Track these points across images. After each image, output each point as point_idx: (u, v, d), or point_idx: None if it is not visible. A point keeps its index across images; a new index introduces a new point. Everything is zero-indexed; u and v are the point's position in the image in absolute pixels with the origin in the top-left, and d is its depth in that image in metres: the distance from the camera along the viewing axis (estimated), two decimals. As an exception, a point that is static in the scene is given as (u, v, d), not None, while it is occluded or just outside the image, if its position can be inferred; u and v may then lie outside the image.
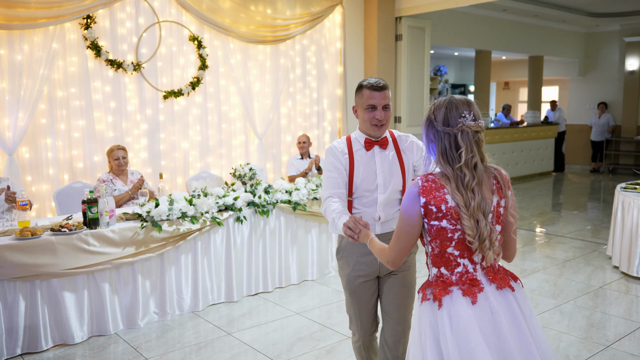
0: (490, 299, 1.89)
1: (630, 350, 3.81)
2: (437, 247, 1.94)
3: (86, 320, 4.08)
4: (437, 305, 1.90)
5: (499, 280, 1.94)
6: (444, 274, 1.95)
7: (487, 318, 1.86)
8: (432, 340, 1.89)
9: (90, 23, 5.52)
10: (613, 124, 13.16)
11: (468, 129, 1.90)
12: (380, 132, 2.64)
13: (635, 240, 5.23)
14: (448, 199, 1.87)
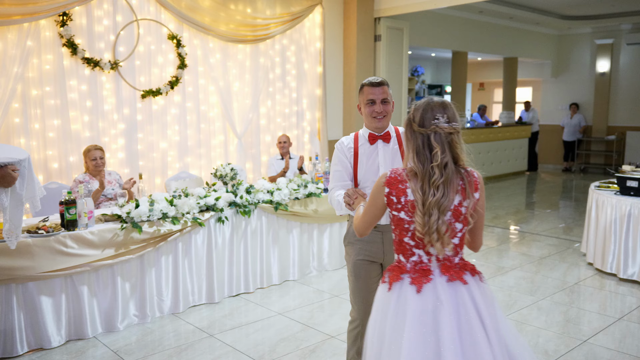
0: (438, 290, 1.97)
1: (606, 345, 3.90)
2: (397, 236, 2.09)
3: (64, 323, 4.00)
4: (387, 288, 2.06)
5: (452, 273, 2.02)
6: (401, 260, 2.09)
7: (429, 308, 1.94)
8: (379, 318, 2.04)
9: (66, 20, 5.43)
10: (584, 124, 13.43)
11: (441, 131, 2.02)
12: (381, 123, 2.81)
13: (609, 237, 5.35)
14: (408, 192, 2.01)
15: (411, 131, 2.07)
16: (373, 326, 2.07)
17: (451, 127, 2.03)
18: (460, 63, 12.18)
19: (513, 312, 4.53)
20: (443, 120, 2.02)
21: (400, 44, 8.83)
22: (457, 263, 2.07)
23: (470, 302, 1.97)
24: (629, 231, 5.17)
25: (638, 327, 4.23)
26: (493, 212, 8.67)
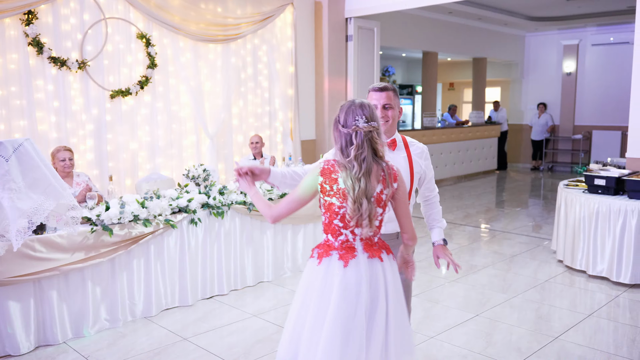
0: (360, 265, 2.30)
1: (576, 341, 3.97)
2: (327, 218, 2.34)
3: (32, 329, 3.89)
4: (317, 262, 2.34)
5: (372, 251, 2.35)
6: (330, 239, 2.36)
7: (353, 280, 2.27)
8: (307, 288, 2.35)
9: (31, 19, 5.29)
10: (552, 123, 13.69)
11: (361, 130, 2.28)
12: (384, 128, 2.75)
13: (578, 235, 5.45)
14: (340, 181, 2.29)
15: (337, 130, 2.34)
16: (303, 295, 2.35)
17: (370, 126, 2.30)
18: (431, 63, 12.30)
19: (486, 310, 4.58)
20: (362, 120, 2.30)
21: (371, 44, 8.87)
22: (377, 242, 2.39)
23: (382, 277, 2.33)
24: (597, 229, 5.28)
25: (607, 323, 4.32)
26: (464, 210, 8.77)
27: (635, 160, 5.90)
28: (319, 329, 2.24)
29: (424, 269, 5.73)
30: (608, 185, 5.32)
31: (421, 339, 4.02)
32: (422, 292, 5.04)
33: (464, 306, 4.67)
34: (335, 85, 8.37)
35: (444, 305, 4.71)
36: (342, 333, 2.22)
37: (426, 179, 2.92)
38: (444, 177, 11.60)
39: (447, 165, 11.67)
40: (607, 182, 5.32)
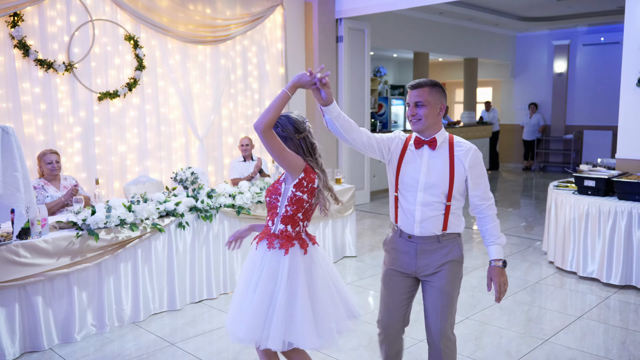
0: (312, 251, 2.64)
1: (566, 344, 3.96)
2: (292, 211, 2.60)
3: (18, 335, 3.84)
4: (283, 253, 2.57)
5: (313, 239, 2.72)
6: (288, 230, 2.61)
7: (310, 265, 2.61)
8: (269, 276, 2.56)
9: (17, 21, 5.24)
10: (543, 123, 13.72)
11: (310, 130, 2.66)
12: (416, 127, 2.66)
13: (569, 236, 5.45)
14: (316, 181, 2.62)
15: (292, 142, 2.61)
16: (274, 283, 2.57)
17: (309, 126, 2.68)
18: (422, 64, 12.30)
19: (476, 312, 4.57)
20: (308, 123, 2.67)
21: (362, 45, 8.85)
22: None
23: (323, 259, 2.71)
24: (587, 230, 5.27)
25: (597, 325, 4.31)
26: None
27: (624, 160, 5.91)
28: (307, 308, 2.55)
29: (414, 271, 5.71)
30: (598, 187, 5.32)
31: (410, 343, 3.99)
32: (413, 294, 5.02)
33: (454, 309, 4.65)
34: (326, 87, 8.33)
35: (434, 308, 4.69)
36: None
37: (473, 185, 2.66)
38: (436, 178, 11.57)
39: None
40: (597, 183, 5.32)
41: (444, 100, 2.69)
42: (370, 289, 5.19)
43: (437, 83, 2.68)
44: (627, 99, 5.87)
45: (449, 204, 2.66)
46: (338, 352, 3.87)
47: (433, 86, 2.65)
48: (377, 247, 6.65)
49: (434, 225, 2.67)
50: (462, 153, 2.65)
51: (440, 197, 2.65)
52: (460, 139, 2.73)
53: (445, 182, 2.64)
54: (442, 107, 2.67)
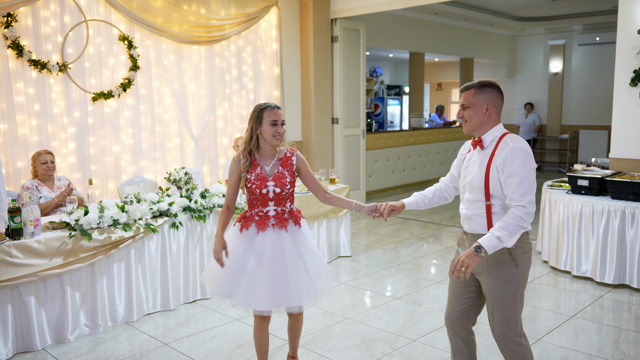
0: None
1: (560, 343, 3.97)
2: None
3: (10, 336, 3.84)
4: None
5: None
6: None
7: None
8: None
9: (10, 21, 5.23)
10: (539, 123, 13.75)
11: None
12: (465, 128, 2.78)
13: (562, 235, 5.46)
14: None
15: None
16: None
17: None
18: (418, 64, 12.31)
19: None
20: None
21: (357, 45, 8.86)
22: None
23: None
24: (581, 229, 5.28)
25: (591, 325, 4.32)
26: (451, 211, 8.77)
27: (618, 160, 5.92)
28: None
29: (408, 270, 5.72)
30: (591, 186, 5.33)
31: (403, 342, 4.00)
32: (406, 294, 5.02)
33: (448, 308, 4.66)
34: (322, 87, 8.35)
35: (428, 307, 4.70)
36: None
37: (504, 184, 2.59)
38: (431, 178, 11.60)
39: (434, 166, 11.67)
40: (590, 182, 5.33)
41: (494, 99, 2.69)
42: (365, 289, 5.19)
43: (485, 84, 2.71)
44: (621, 99, 5.88)
45: (488, 203, 2.65)
46: (331, 352, 3.87)
47: (480, 87, 2.69)
48: (373, 247, 6.65)
49: (479, 224, 2.70)
50: (500, 152, 2.62)
51: (481, 196, 2.67)
52: (511, 138, 2.65)
53: (481, 181, 2.66)
54: (489, 106, 2.68)
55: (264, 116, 3.09)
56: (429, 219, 8.21)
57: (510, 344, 2.71)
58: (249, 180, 3.11)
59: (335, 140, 8.64)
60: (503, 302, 2.68)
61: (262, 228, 3.11)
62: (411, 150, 11.05)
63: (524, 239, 2.67)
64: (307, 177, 3.26)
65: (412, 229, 7.56)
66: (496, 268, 2.67)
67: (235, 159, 3.14)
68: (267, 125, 3.08)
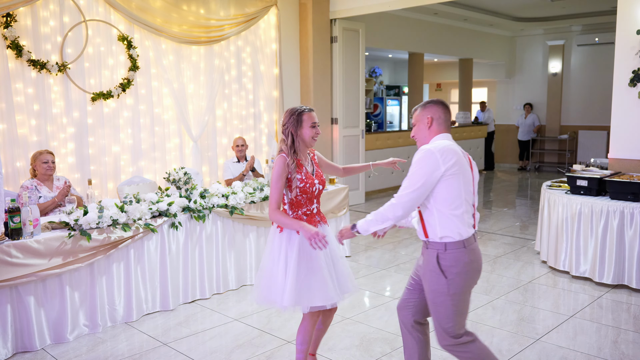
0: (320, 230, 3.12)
1: (558, 343, 3.97)
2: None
3: (10, 336, 3.84)
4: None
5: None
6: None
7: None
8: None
9: (10, 21, 5.23)
10: (538, 124, 13.75)
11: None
12: (417, 144, 2.92)
13: (561, 235, 5.46)
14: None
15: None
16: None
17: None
18: (417, 64, 12.32)
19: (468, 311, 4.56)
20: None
21: (357, 45, 8.86)
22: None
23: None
24: (579, 229, 5.29)
25: (590, 325, 4.33)
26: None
27: (617, 160, 5.93)
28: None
29: (407, 271, 5.72)
30: (590, 186, 5.34)
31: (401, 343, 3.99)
32: (406, 294, 5.02)
33: (447, 308, 4.66)
34: (321, 87, 8.35)
35: (427, 307, 4.70)
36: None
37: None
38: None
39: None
40: (589, 183, 5.34)
41: (434, 112, 2.78)
42: (365, 289, 5.19)
43: (429, 101, 2.83)
44: (620, 99, 5.89)
45: (419, 209, 2.77)
46: (330, 352, 3.87)
47: (423, 106, 2.83)
48: (372, 247, 6.65)
49: (419, 231, 2.81)
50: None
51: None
52: (428, 145, 2.72)
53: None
54: (429, 119, 2.77)
55: (304, 119, 3.14)
56: (428, 219, 8.20)
57: (449, 347, 2.79)
58: (301, 180, 3.13)
59: (335, 140, 8.65)
60: (435, 309, 2.76)
61: (315, 225, 3.19)
62: (410, 151, 11.05)
63: (456, 254, 2.66)
64: (326, 165, 3.47)
65: (411, 229, 7.54)
66: (428, 274, 2.75)
67: (283, 162, 3.09)
68: (308, 127, 3.14)
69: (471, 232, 2.72)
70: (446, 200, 2.64)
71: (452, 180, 2.62)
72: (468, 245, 2.68)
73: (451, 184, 2.62)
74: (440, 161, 2.60)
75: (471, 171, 2.76)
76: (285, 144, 3.13)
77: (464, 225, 2.67)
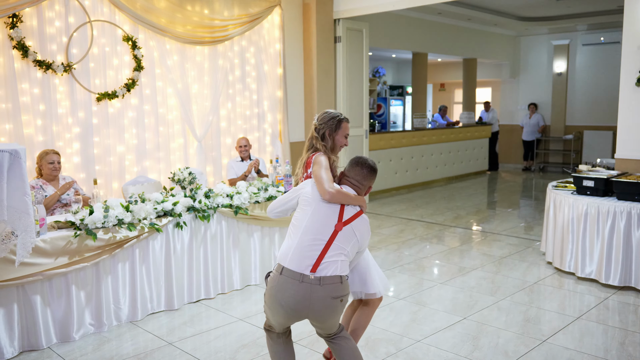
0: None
1: (565, 344, 3.96)
2: None
3: (16, 334, 3.85)
4: None
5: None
6: None
7: None
8: None
9: (16, 22, 5.24)
10: (543, 124, 13.72)
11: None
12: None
13: (567, 236, 5.44)
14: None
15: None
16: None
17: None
18: (421, 64, 12.30)
19: (474, 312, 4.56)
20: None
21: (360, 45, 8.86)
22: None
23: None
24: (586, 230, 5.27)
25: (596, 326, 4.31)
26: (454, 212, 8.76)
27: (624, 160, 5.91)
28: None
29: (412, 271, 5.71)
30: (596, 187, 5.32)
31: (408, 343, 3.99)
32: (410, 294, 5.02)
33: (452, 309, 4.65)
34: (325, 87, 8.35)
35: (432, 308, 4.69)
36: None
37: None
38: (435, 179, 11.60)
39: (437, 167, 11.66)
40: (596, 183, 5.32)
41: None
42: (369, 289, 5.18)
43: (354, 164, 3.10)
44: (627, 99, 5.87)
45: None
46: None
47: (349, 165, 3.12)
48: (376, 247, 6.64)
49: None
50: None
51: None
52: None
53: None
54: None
55: (342, 127, 3.19)
56: (432, 219, 8.20)
57: None
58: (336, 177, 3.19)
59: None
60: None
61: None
62: (414, 151, 11.05)
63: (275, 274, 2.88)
64: None
65: (416, 230, 7.56)
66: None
67: (327, 158, 3.10)
68: (341, 136, 3.20)
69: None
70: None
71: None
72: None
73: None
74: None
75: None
76: (321, 143, 3.14)
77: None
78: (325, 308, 2.73)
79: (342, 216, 2.84)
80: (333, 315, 2.78)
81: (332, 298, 2.72)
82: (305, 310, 2.74)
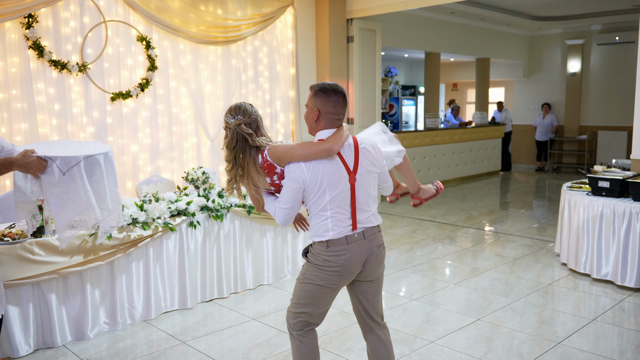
0: None
1: (580, 346, 3.92)
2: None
3: (32, 332, 3.89)
4: None
5: None
6: None
7: None
8: None
9: (32, 22, 5.29)
10: (556, 124, 13.61)
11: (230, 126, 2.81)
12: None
13: (582, 237, 5.40)
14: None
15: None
16: None
17: (237, 120, 2.80)
18: (433, 64, 12.26)
19: (487, 314, 4.54)
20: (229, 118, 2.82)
21: (373, 45, 8.84)
22: None
23: None
24: (601, 231, 5.22)
25: (612, 328, 4.27)
26: (467, 212, 8.72)
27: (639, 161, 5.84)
28: None
29: (424, 272, 5.69)
30: (612, 188, 5.27)
31: (421, 344, 3.98)
32: (423, 295, 5.00)
33: (465, 310, 4.63)
34: (338, 87, 8.33)
35: (445, 309, 4.67)
36: None
37: None
38: (447, 179, 11.55)
39: (450, 167, 11.62)
40: (612, 184, 5.27)
41: (318, 105, 2.78)
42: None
43: (318, 90, 2.78)
44: (642, 99, 5.80)
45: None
46: (348, 352, 3.86)
47: (313, 92, 2.81)
48: (388, 247, 6.63)
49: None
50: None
51: None
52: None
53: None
54: (316, 112, 2.78)
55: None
56: (445, 220, 8.17)
57: (289, 332, 2.84)
58: None
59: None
60: (295, 290, 2.83)
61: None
62: (426, 151, 11.01)
63: (320, 249, 2.72)
64: None
65: (428, 230, 7.53)
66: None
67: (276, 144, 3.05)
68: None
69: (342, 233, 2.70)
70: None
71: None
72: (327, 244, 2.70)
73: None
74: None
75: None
76: (259, 137, 3.03)
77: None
78: (375, 258, 2.78)
79: (348, 166, 2.71)
80: (382, 263, 2.86)
81: (377, 247, 2.80)
82: (358, 268, 2.74)
